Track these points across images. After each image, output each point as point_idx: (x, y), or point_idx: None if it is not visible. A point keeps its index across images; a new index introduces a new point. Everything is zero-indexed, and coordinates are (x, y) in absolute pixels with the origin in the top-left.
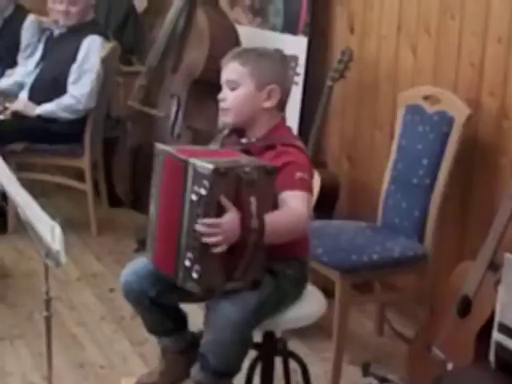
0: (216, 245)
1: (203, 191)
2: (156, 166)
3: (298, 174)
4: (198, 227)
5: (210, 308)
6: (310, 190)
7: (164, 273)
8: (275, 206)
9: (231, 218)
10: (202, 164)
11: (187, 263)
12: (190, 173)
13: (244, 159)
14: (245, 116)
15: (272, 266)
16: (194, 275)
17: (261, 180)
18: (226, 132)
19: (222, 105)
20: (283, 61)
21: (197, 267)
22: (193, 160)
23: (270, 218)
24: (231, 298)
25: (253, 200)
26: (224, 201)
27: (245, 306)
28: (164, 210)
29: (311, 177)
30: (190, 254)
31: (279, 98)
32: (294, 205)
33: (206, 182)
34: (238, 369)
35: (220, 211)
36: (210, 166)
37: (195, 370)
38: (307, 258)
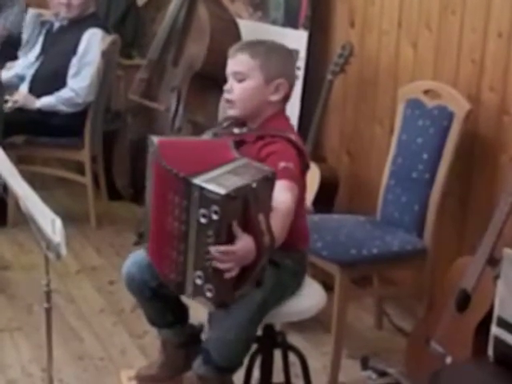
0: (228, 270)
1: (215, 216)
2: (148, 158)
3: (282, 164)
4: (213, 254)
5: None
6: (294, 178)
7: (159, 272)
8: None
9: (245, 244)
10: (211, 188)
11: (198, 281)
12: (196, 194)
13: (243, 166)
14: (250, 108)
15: (272, 257)
16: (208, 294)
17: (264, 191)
18: (225, 124)
19: (227, 96)
20: (291, 56)
21: (209, 286)
22: (196, 181)
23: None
24: None
25: (261, 218)
26: (235, 229)
27: (250, 305)
28: (156, 212)
29: (298, 168)
30: (200, 273)
31: (286, 91)
32: (279, 197)
33: (216, 208)
34: (240, 364)
35: (231, 235)
36: (221, 191)
37: (197, 364)
38: (306, 249)
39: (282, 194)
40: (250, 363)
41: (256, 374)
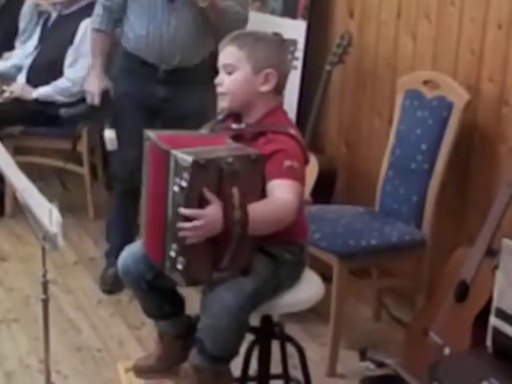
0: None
1: (184, 183)
2: (145, 151)
3: (287, 163)
4: (180, 224)
5: (206, 293)
6: (298, 178)
7: (152, 259)
8: (263, 194)
9: (214, 209)
10: (182, 156)
11: (172, 254)
12: (172, 164)
13: (228, 148)
14: (241, 100)
15: (270, 250)
16: (179, 266)
17: (245, 170)
18: (220, 117)
19: (219, 89)
20: (281, 45)
21: (181, 259)
22: (174, 151)
23: (255, 209)
24: (228, 284)
25: (235, 191)
26: (207, 193)
27: (241, 292)
28: (151, 198)
29: (302, 165)
30: (175, 246)
31: (276, 81)
32: (281, 194)
33: (186, 175)
34: (235, 353)
35: (202, 203)
36: (190, 159)
37: (193, 355)
38: (305, 242)
39: (283, 193)
40: (247, 354)
41: (254, 365)
